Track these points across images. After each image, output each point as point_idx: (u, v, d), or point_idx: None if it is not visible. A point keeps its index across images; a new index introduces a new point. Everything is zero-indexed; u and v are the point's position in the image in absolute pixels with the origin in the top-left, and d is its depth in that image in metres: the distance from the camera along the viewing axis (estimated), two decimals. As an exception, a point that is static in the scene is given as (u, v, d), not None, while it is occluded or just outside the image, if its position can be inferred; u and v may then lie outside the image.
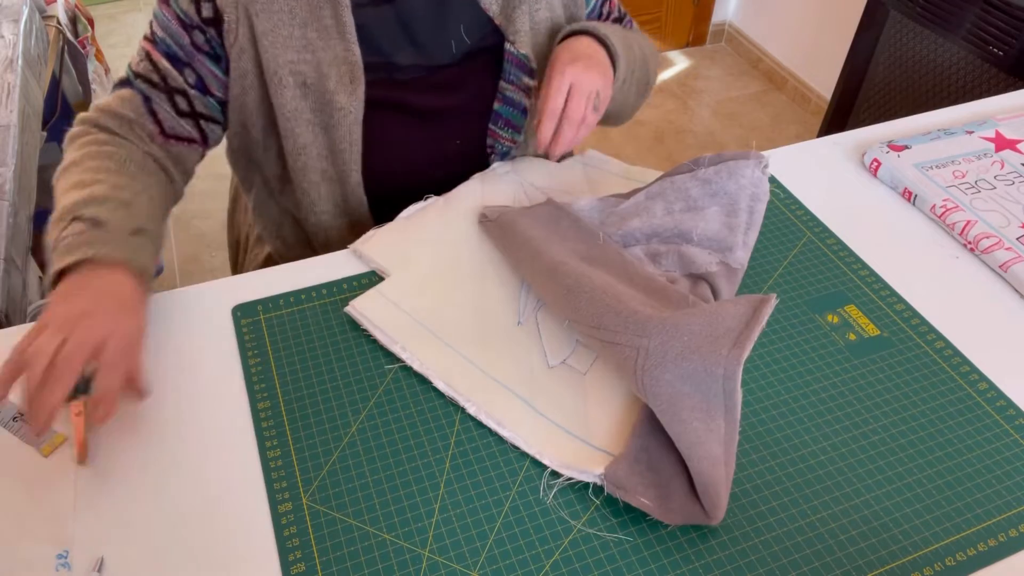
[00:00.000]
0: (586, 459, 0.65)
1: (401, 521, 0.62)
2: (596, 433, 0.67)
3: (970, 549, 0.61)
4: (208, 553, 0.60)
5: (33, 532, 0.61)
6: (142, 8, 3.07)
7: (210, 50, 0.83)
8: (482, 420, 0.68)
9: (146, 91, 0.83)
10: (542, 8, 0.90)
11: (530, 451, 0.66)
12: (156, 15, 0.83)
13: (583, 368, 0.73)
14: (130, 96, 0.83)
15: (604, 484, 0.63)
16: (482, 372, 0.71)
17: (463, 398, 0.69)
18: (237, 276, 0.83)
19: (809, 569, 0.60)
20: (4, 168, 1.11)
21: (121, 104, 0.83)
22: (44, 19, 1.50)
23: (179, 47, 0.82)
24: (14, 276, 1.01)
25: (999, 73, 1.62)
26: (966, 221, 0.87)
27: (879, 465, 0.67)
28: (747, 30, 2.82)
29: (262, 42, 0.81)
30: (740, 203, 0.80)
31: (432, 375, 0.71)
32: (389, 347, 0.73)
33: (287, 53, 0.82)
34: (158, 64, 0.83)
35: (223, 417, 0.69)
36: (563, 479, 0.64)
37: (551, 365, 0.73)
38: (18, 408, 0.68)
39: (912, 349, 0.76)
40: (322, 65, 0.83)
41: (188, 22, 0.81)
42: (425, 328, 0.75)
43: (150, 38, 0.84)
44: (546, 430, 0.67)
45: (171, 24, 0.82)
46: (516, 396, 0.70)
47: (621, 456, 0.64)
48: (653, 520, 0.62)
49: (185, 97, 0.84)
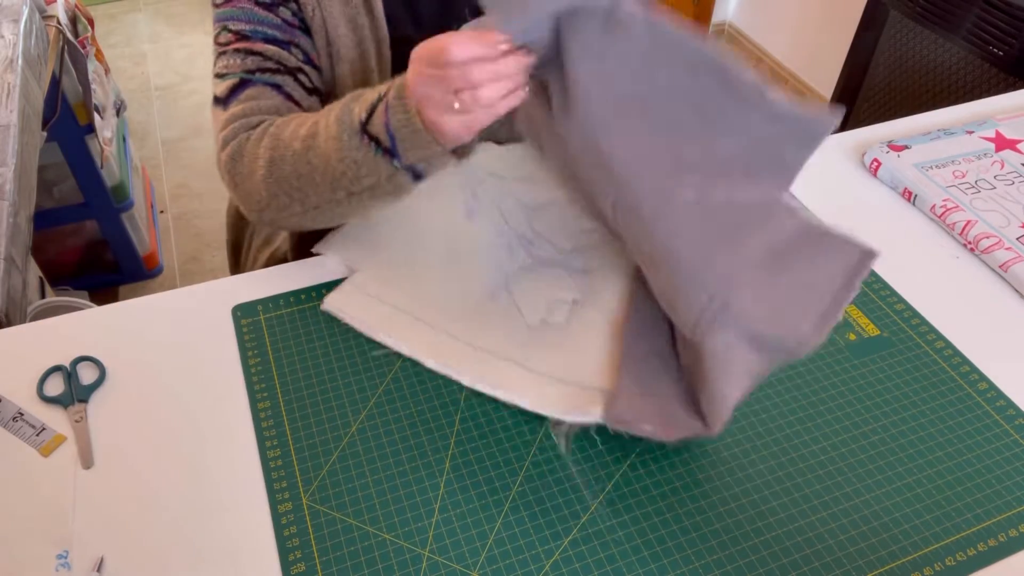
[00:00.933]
0: (586, 400, 0.67)
1: (401, 521, 0.62)
2: (588, 374, 0.70)
3: (970, 549, 0.61)
4: (208, 553, 0.60)
5: (33, 532, 0.61)
6: (142, 8, 3.07)
7: (299, 23, 0.81)
8: (480, 389, 0.70)
9: (271, 80, 0.79)
10: None
11: (531, 407, 0.68)
12: (229, 15, 0.80)
13: (562, 319, 0.75)
14: (260, 91, 0.78)
15: (606, 422, 0.65)
16: (469, 345, 0.73)
17: (456, 372, 0.71)
18: (237, 276, 0.83)
19: (809, 569, 0.60)
20: (4, 168, 1.11)
21: (257, 101, 0.78)
22: (44, 19, 1.50)
23: (275, 28, 0.79)
24: (14, 276, 1.01)
25: (999, 73, 1.62)
26: (966, 221, 0.87)
27: (879, 465, 0.67)
28: (747, 30, 2.82)
29: (325, 14, 0.80)
30: None
31: (422, 356, 0.72)
32: (373, 336, 0.74)
33: (340, 26, 0.81)
34: (265, 52, 0.79)
35: (223, 417, 0.69)
36: (567, 426, 0.66)
37: (531, 324, 0.75)
38: (18, 408, 0.68)
39: (912, 349, 0.76)
40: (363, 42, 0.83)
41: (268, 2, 0.79)
42: (404, 313, 0.76)
43: (238, 36, 0.79)
44: (542, 383, 0.70)
45: (254, 11, 0.79)
46: (506, 359, 0.72)
47: (616, 392, 0.66)
48: (653, 520, 0.62)
49: (305, 75, 0.81)
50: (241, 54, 0.79)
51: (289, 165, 0.72)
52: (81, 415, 0.68)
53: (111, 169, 1.72)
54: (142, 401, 0.70)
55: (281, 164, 0.72)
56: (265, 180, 0.73)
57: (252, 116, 0.77)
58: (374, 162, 0.68)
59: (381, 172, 0.68)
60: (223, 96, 0.79)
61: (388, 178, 0.69)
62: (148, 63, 2.77)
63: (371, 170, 0.68)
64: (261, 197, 0.75)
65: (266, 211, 0.76)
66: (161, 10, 3.06)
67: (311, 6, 0.80)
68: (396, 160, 0.67)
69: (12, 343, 0.76)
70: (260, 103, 0.78)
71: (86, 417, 0.68)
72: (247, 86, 0.79)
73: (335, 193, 0.71)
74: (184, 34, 2.92)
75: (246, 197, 0.77)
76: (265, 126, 0.75)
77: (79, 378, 0.71)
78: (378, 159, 0.67)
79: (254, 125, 0.77)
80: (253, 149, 0.74)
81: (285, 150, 0.72)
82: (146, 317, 0.77)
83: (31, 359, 0.73)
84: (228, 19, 0.80)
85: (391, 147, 0.67)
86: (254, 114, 0.77)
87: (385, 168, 0.68)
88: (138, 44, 2.87)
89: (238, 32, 0.80)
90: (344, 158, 0.68)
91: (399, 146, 0.66)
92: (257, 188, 0.74)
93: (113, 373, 0.72)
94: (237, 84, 0.79)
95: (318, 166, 0.70)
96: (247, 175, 0.75)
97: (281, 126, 0.74)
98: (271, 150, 0.73)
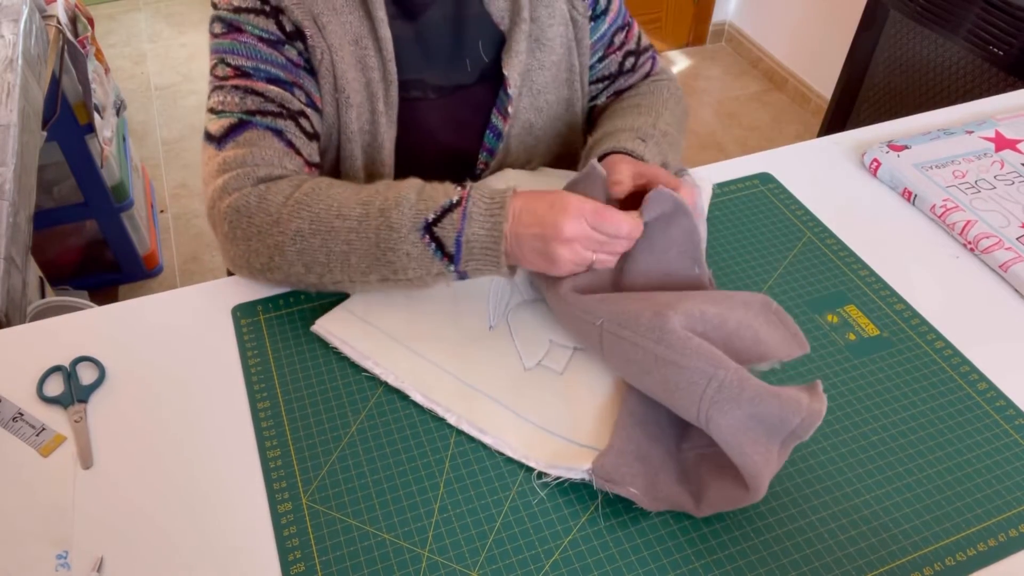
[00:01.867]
0: (572, 456, 0.65)
1: (401, 521, 0.62)
2: (578, 430, 0.67)
3: (970, 549, 0.61)
4: (208, 553, 0.60)
5: (33, 532, 0.61)
6: (142, 8, 3.07)
7: (304, 63, 0.78)
8: (464, 429, 0.68)
9: (272, 124, 0.75)
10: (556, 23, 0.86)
11: (515, 455, 0.66)
12: (230, 48, 0.76)
13: (559, 368, 0.73)
14: (260, 136, 0.75)
15: (592, 478, 0.63)
16: (459, 380, 0.71)
17: (443, 408, 0.69)
18: (237, 276, 0.83)
19: (809, 569, 0.60)
20: (4, 168, 1.11)
21: (259, 147, 0.74)
22: (44, 19, 1.50)
23: (279, 68, 0.76)
24: (14, 276, 1.01)
25: (999, 73, 1.62)
26: (966, 221, 0.87)
27: (879, 465, 0.67)
28: (747, 30, 2.82)
29: (334, 58, 0.78)
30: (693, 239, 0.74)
31: (409, 388, 0.70)
32: (361, 363, 0.72)
33: (349, 71, 0.79)
34: (267, 93, 0.75)
35: (223, 417, 0.69)
36: (552, 478, 0.64)
37: (527, 367, 0.72)
38: (18, 408, 0.69)
39: (912, 349, 0.76)
40: (372, 84, 0.81)
41: (275, 39, 0.76)
42: (396, 341, 0.74)
43: (239, 72, 0.76)
44: (530, 432, 0.67)
45: (259, 49, 0.76)
46: (496, 402, 0.69)
47: (607, 449, 0.64)
48: (653, 521, 0.63)
49: (306, 119, 0.78)
50: (240, 92, 0.75)
51: (321, 239, 0.70)
52: (81, 415, 0.68)
53: (111, 169, 1.72)
54: (142, 401, 0.70)
55: (311, 237, 0.70)
56: (285, 247, 0.71)
57: (255, 167, 0.74)
58: (429, 261, 0.69)
59: (431, 270, 0.69)
60: (218, 136, 0.75)
61: (435, 275, 0.70)
62: (148, 63, 2.77)
63: (421, 266, 0.69)
64: (269, 260, 0.72)
65: (268, 273, 0.74)
66: (161, 10, 3.06)
67: (320, 48, 0.77)
68: (453, 266, 0.69)
69: (12, 343, 0.76)
70: (261, 151, 0.74)
71: (86, 417, 0.68)
72: (246, 128, 0.75)
73: (367, 276, 0.71)
74: (184, 34, 2.92)
75: (247, 254, 0.73)
76: (291, 187, 0.73)
77: (79, 378, 0.71)
78: (434, 260, 0.68)
79: (260, 177, 0.73)
80: (274, 210, 0.71)
81: (320, 224, 0.70)
82: (146, 317, 0.77)
83: (31, 359, 0.73)
84: (228, 52, 0.76)
85: (454, 254, 0.68)
86: (256, 164, 0.74)
87: (436, 268, 0.69)
88: (138, 44, 2.87)
89: (238, 68, 0.76)
90: (396, 249, 0.68)
91: (462, 256, 0.68)
92: (267, 251, 0.72)
93: (113, 373, 0.72)
94: (235, 124, 0.75)
95: (359, 249, 0.70)
96: (256, 234, 0.72)
97: (311, 195, 0.71)
98: (299, 219, 0.70)
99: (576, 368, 0.72)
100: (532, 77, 0.87)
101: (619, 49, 0.94)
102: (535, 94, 0.88)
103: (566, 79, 0.91)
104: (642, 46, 0.96)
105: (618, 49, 0.94)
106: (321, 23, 0.77)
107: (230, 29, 0.76)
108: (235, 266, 0.76)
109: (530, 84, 0.88)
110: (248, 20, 0.76)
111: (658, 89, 0.94)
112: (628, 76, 0.95)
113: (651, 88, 0.94)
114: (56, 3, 1.56)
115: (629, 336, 0.66)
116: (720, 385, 0.60)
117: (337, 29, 0.78)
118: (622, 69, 0.95)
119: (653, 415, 0.68)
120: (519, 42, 0.84)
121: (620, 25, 0.93)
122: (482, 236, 0.67)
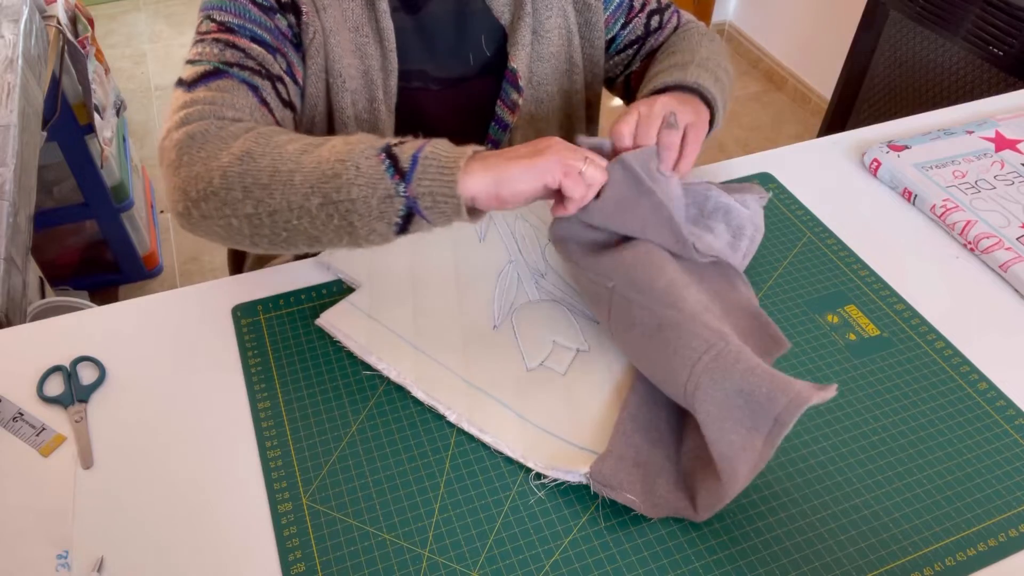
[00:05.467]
0: (571, 459, 0.65)
1: (401, 521, 0.62)
2: (578, 433, 0.67)
3: (970, 549, 0.61)
4: (208, 553, 0.60)
5: (33, 532, 0.61)
6: (142, 8, 3.07)
7: (292, 36, 0.77)
8: (464, 427, 0.68)
9: (249, 79, 0.73)
10: (553, 15, 0.87)
11: (514, 455, 0.66)
12: (220, 5, 0.75)
13: (561, 369, 0.72)
14: (234, 86, 0.72)
15: (590, 482, 0.63)
16: (461, 379, 0.71)
17: (443, 406, 0.69)
18: (237, 276, 0.83)
19: (809, 569, 0.60)
20: (4, 168, 1.11)
21: (232, 95, 0.71)
22: (44, 19, 1.50)
23: (266, 31, 0.75)
24: (14, 276, 1.01)
25: (999, 73, 1.62)
26: (966, 221, 0.87)
27: (879, 465, 0.67)
28: (747, 30, 2.82)
29: (329, 40, 0.78)
30: (745, 229, 0.81)
31: (410, 384, 0.70)
32: (364, 358, 0.72)
33: (346, 56, 0.79)
34: (249, 51, 0.73)
35: (223, 417, 0.69)
36: (549, 479, 0.64)
37: (529, 368, 0.72)
38: (18, 408, 0.69)
39: (912, 349, 0.76)
40: (370, 72, 0.81)
41: (267, 5, 0.76)
42: (400, 337, 0.74)
43: (223, 27, 0.74)
44: (529, 433, 0.67)
45: (249, 9, 0.75)
46: (496, 401, 0.69)
47: (606, 453, 0.64)
48: (653, 521, 0.62)
49: (284, 85, 0.76)
50: (221, 44, 0.73)
51: (269, 160, 0.65)
52: (81, 415, 0.68)
53: (111, 169, 1.72)
54: (142, 401, 0.70)
55: (259, 158, 0.65)
56: (227, 167, 0.65)
57: (223, 107, 0.70)
58: (379, 176, 0.62)
59: (378, 189, 0.62)
60: (190, 80, 0.72)
61: (380, 199, 0.62)
62: (148, 63, 2.77)
63: (369, 182, 0.62)
64: (208, 184, 0.66)
65: (203, 202, 0.67)
66: (161, 10, 3.06)
67: (314, 28, 0.77)
68: (404, 184, 0.62)
69: (12, 343, 0.76)
70: (233, 97, 0.71)
71: (86, 417, 0.68)
72: (221, 76, 0.72)
73: (308, 199, 0.64)
74: (184, 34, 2.92)
75: (187, 180, 0.67)
76: (254, 124, 0.70)
77: (79, 378, 0.71)
78: (384, 176, 0.62)
79: (226, 118, 0.69)
80: (230, 137, 0.68)
81: (271, 147, 0.66)
82: (146, 317, 0.77)
83: (31, 359, 0.73)
84: (215, 8, 0.75)
85: (408, 169, 0.62)
86: (226, 106, 0.70)
87: (384, 187, 0.62)
88: (138, 44, 2.87)
89: (223, 23, 0.75)
90: (346, 160, 0.63)
91: (416, 172, 0.62)
92: (209, 173, 0.66)
93: (113, 373, 0.72)
94: (210, 71, 0.72)
95: (306, 166, 0.64)
96: (204, 158, 0.67)
97: (276, 130, 0.69)
98: (253, 143, 0.67)
99: (578, 369, 0.72)
100: (533, 68, 0.88)
101: (641, 11, 0.94)
102: (535, 86, 0.89)
103: (565, 70, 0.92)
104: (663, 3, 0.96)
105: (640, 11, 0.94)
106: (320, 5, 0.77)
107: None
108: (171, 200, 0.69)
109: (531, 76, 0.88)
110: None
111: (687, 35, 0.93)
112: (656, 35, 0.95)
113: (681, 36, 0.94)
114: (56, 3, 1.56)
115: (638, 299, 0.66)
116: (718, 354, 0.61)
117: (336, 14, 0.78)
118: (648, 30, 0.95)
119: (654, 420, 0.67)
120: (523, 35, 0.85)
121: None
122: (441, 154, 0.62)
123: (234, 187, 0.65)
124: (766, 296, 0.81)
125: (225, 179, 0.65)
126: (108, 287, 1.92)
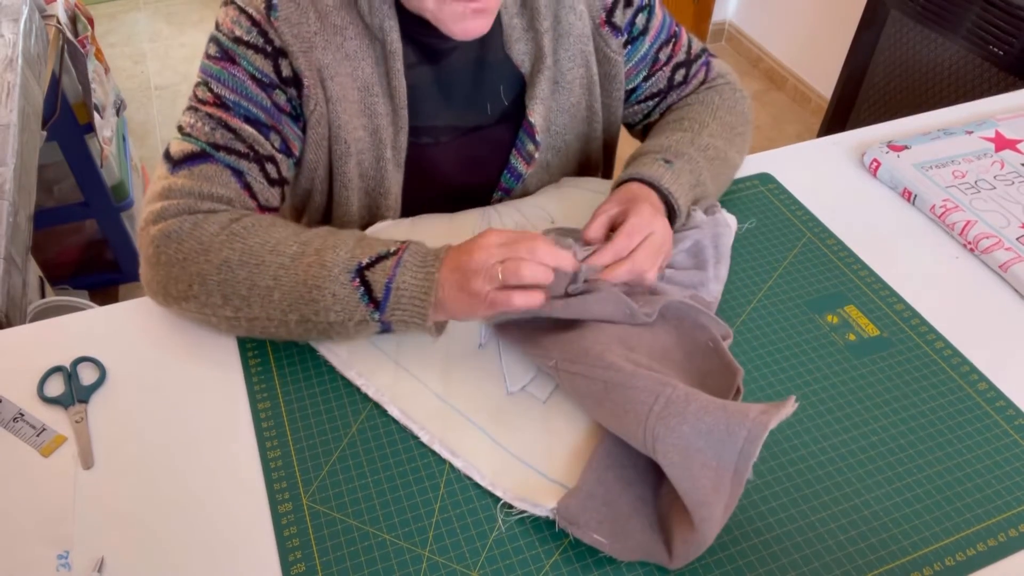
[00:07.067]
0: (540, 492, 0.63)
1: (401, 521, 0.62)
2: (551, 464, 0.65)
3: (970, 549, 0.61)
4: (208, 553, 0.60)
5: (33, 532, 0.61)
6: (142, 7, 3.07)
7: (291, 110, 0.77)
8: (436, 449, 0.66)
9: (234, 164, 0.74)
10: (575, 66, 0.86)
11: (483, 482, 0.64)
12: (219, 76, 0.74)
13: (543, 396, 0.71)
14: (217, 172, 0.73)
15: (555, 519, 0.61)
16: (439, 399, 0.70)
17: (417, 426, 0.68)
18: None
19: (809, 569, 0.60)
20: (4, 167, 1.11)
21: (211, 183, 0.73)
22: (44, 18, 1.50)
23: (261, 110, 0.75)
24: (14, 276, 1.01)
25: (999, 73, 1.62)
26: (966, 221, 0.87)
27: (879, 465, 0.67)
28: (747, 29, 2.82)
29: (335, 109, 0.77)
30: (704, 242, 0.80)
31: (386, 402, 0.69)
32: (344, 373, 0.72)
33: (352, 120, 0.79)
34: (240, 132, 0.74)
35: (223, 417, 0.69)
36: (516, 511, 0.63)
37: (510, 391, 0.71)
38: (18, 408, 0.69)
39: (912, 349, 0.76)
40: (379, 131, 0.80)
41: (267, 81, 0.75)
42: (383, 352, 0.73)
43: (218, 102, 0.74)
44: (501, 460, 0.66)
45: (247, 85, 0.74)
46: (473, 424, 0.68)
47: (574, 490, 0.62)
48: (653, 520, 0.62)
49: (274, 164, 0.77)
50: (213, 121, 0.74)
51: (247, 271, 0.68)
52: (81, 415, 0.68)
53: (111, 168, 1.72)
54: (142, 401, 0.70)
55: (237, 269, 0.68)
56: (208, 276, 0.68)
57: (200, 201, 0.72)
58: (354, 305, 0.67)
59: (354, 315, 0.67)
60: (176, 159, 0.74)
61: (356, 323, 0.67)
62: (148, 62, 2.77)
63: (345, 309, 0.67)
64: (188, 288, 0.69)
65: (183, 302, 0.70)
66: (161, 9, 3.06)
67: (316, 100, 0.77)
68: (378, 313, 0.67)
69: (12, 343, 0.76)
70: (212, 188, 0.73)
71: (86, 417, 0.68)
72: (205, 160, 0.73)
73: (287, 315, 0.68)
74: (184, 33, 2.92)
75: (165, 280, 0.70)
76: (228, 219, 0.71)
77: (79, 378, 0.71)
78: (359, 304, 0.67)
79: (201, 211, 0.72)
80: (206, 238, 0.69)
81: (250, 256, 0.68)
82: (146, 317, 0.77)
83: (31, 359, 0.73)
84: (214, 78, 0.74)
85: (381, 300, 0.66)
86: (203, 199, 0.72)
87: (360, 312, 0.67)
88: (138, 43, 2.87)
89: (219, 97, 0.74)
90: (323, 288, 0.66)
91: (389, 304, 0.66)
92: (188, 278, 0.69)
93: (113, 373, 0.72)
94: (197, 153, 0.73)
95: (284, 284, 0.67)
96: (181, 261, 0.69)
97: (249, 229, 0.70)
98: (230, 249, 0.69)
99: (559, 399, 0.71)
100: (551, 119, 0.87)
101: (666, 64, 0.92)
102: (553, 135, 0.88)
103: (584, 118, 0.90)
104: (693, 55, 0.93)
105: (665, 64, 0.92)
106: (327, 74, 0.76)
107: (224, 57, 0.74)
108: (150, 291, 0.73)
109: (549, 126, 0.87)
110: (245, 55, 0.74)
111: (708, 98, 0.91)
112: (680, 89, 0.93)
113: (701, 98, 0.92)
114: (56, 3, 1.56)
115: (581, 370, 0.66)
116: (668, 401, 0.60)
117: (346, 79, 0.77)
118: (672, 83, 0.93)
119: (631, 458, 0.65)
120: (542, 87, 0.84)
121: (665, 39, 0.91)
122: (412, 285, 0.66)
123: (213, 294, 0.69)
124: (766, 296, 0.81)
125: (204, 286, 0.69)
126: (108, 286, 1.92)
